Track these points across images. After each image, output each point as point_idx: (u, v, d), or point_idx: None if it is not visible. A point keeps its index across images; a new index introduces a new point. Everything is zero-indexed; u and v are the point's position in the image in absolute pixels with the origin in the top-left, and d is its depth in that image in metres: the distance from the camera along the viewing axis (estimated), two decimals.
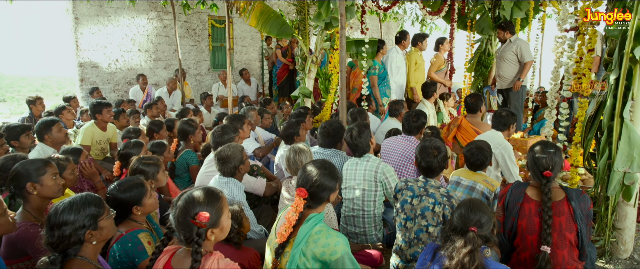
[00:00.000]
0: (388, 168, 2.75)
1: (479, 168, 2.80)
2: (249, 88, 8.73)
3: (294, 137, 3.72)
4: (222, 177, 2.66)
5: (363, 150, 2.86)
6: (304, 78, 5.06)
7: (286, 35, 5.01)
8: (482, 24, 6.72)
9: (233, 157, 2.62)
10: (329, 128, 3.17)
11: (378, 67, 5.62)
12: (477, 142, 2.82)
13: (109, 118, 4.54)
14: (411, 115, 3.33)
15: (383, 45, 5.69)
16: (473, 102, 4.22)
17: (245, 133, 3.69)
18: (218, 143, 3.09)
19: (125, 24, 7.89)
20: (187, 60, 8.91)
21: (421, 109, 5.24)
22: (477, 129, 4.26)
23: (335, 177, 1.91)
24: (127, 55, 8.03)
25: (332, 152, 3.17)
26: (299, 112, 4.27)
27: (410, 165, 3.21)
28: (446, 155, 2.27)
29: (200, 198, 1.49)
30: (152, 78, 8.43)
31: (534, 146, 2.26)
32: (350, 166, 2.91)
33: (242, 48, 9.71)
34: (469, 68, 7.03)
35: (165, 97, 7.53)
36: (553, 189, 2.16)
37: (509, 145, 3.43)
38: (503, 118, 3.47)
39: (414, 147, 3.23)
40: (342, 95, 3.51)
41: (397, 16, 10.71)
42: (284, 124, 3.75)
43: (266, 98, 6.04)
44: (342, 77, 3.49)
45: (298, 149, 2.60)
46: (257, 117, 4.45)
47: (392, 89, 5.88)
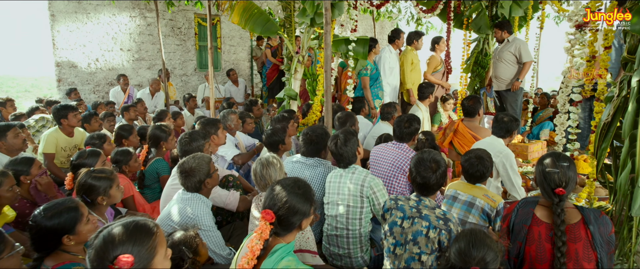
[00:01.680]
0: (376, 181, 2.42)
1: (479, 180, 2.48)
2: (237, 90, 8.37)
3: (279, 145, 3.39)
4: (186, 193, 2.32)
5: (348, 160, 2.53)
6: (290, 79, 4.72)
7: (271, 33, 4.67)
8: (479, 23, 6.43)
9: (198, 170, 2.28)
10: (312, 134, 2.84)
11: (370, 67, 5.30)
12: (477, 151, 2.50)
13: (77, 122, 4.17)
14: (403, 120, 3.00)
15: (375, 44, 5.36)
16: (471, 105, 3.91)
17: (220, 140, 3.35)
18: (185, 152, 2.75)
19: (106, 21, 7.52)
20: (172, 60, 8.54)
21: (415, 113, 4.93)
22: (475, 134, 3.95)
23: (310, 199, 1.58)
24: (108, 55, 7.65)
25: (315, 162, 2.83)
26: (283, 116, 3.93)
27: (402, 176, 2.88)
28: (446, 171, 1.94)
29: (121, 235, 1.15)
30: (134, 78, 8.06)
31: (543, 159, 1.93)
32: (333, 179, 2.57)
33: (231, 48, 9.36)
34: (466, 69, 6.73)
35: (147, 99, 7.17)
36: (567, 210, 1.84)
37: (511, 153, 3.12)
38: (505, 124, 3.16)
39: (406, 156, 2.91)
40: (327, 97, 3.17)
41: (391, 15, 10.40)
42: (268, 130, 3.41)
43: (252, 99, 5.69)
44: (326, 78, 3.16)
45: (265, 161, 2.26)
46: (237, 121, 4.10)
47: (386, 91, 5.55)
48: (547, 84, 9.29)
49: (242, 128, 4.39)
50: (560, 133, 2.63)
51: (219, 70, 9.21)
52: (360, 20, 11.50)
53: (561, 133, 2.63)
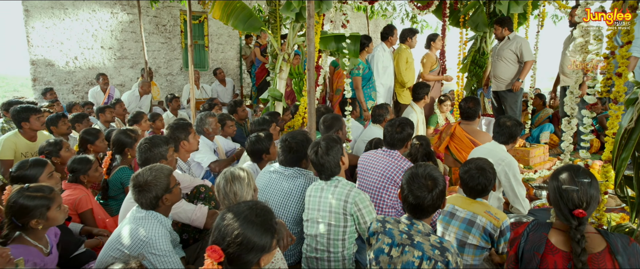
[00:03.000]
0: (361, 197, 2.10)
1: (480, 194, 2.17)
2: (224, 90, 8.03)
3: (263, 155, 3.05)
4: (140, 210, 1.98)
5: (331, 171, 2.21)
6: (275, 79, 4.39)
7: (254, 29, 4.34)
8: (477, 20, 6.13)
9: (154, 184, 1.94)
10: (291, 141, 2.51)
11: (362, 66, 4.98)
12: (477, 161, 2.18)
13: (39, 126, 3.81)
14: (394, 124, 2.68)
15: (369, 42, 5.05)
16: (470, 108, 3.60)
17: (192, 146, 3.01)
18: (145, 160, 2.41)
19: (85, 18, 7.14)
20: (157, 59, 8.18)
21: (409, 115, 4.62)
22: (473, 138, 3.64)
23: (270, 229, 1.25)
24: (88, 53, 7.27)
25: (294, 172, 2.50)
26: (263, 119, 3.60)
27: (393, 187, 2.56)
28: (444, 191, 1.62)
29: None
30: (116, 78, 7.68)
31: (558, 174, 1.62)
32: (313, 193, 2.25)
33: (218, 46, 9.01)
34: (463, 69, 6.43)
35: (135, 101, 6.81)
36: (588, 236, 1.53)
37: (514, 161, 2.81)
38: (508, 128, 2.85)
39: (398, 165, 2.59)
40: (310, 98, 2.85)
41: (385, 13, 10.10)
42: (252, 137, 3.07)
43: (236, 100, 5.35)
44: (309, 76, 2.84)
45: (230, 175, 1.93)
46: (216, 125, 3.77)
47: (379, 92, 5.24)
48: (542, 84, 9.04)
49: (221, 131, 4.05)
50: (567, 139, 2.32)
51: (207, 69, 8.86)
52: (353, 18, 11.21)
53: (567, 139, 2.32)
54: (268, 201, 2.50)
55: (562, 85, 4.95)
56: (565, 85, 4.89)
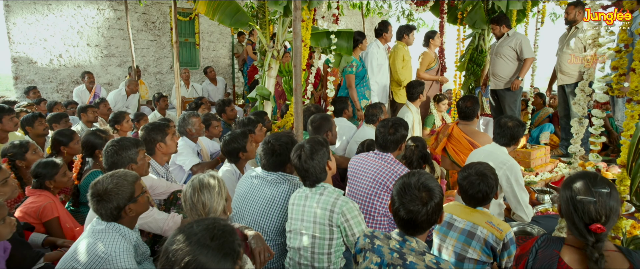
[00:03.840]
0: (349, 206, 1.89)
1: (481, 203, 1.96)
2: (215, 89, 7.80)
3: (240, 154, 2.84)
4: (100, 222, 1.76)
5: (316, 177, 2.00)
6: (263, 77, 4.17)
7: (241, 25, 4.12)
8: (474, 17, 5.93)
9: (115, 193, 1.72)
10: (275, 143, 2.30)
11: (356, 64, 4.76)
12: (478, 166, 1.98)
13: (13, 127, 3.59)
14: (387, 124, 2.47)
15: (362, 38, 4.83)
16: (469, 107, 3.40)
17: (169, 148, 2.79)
18: (112, 164, 2.19)
19: (70, 14, 6.89)
20: (146, 57, 7.94)
21: (404, 115, 4.41)
22: (471, 139, 3.44)
23: (231, 253, 1.04)
24: (73, 50, 7.02)
25: (278, 177, 2.29)
26: (249, 119, 3.38)
27: (385, 193, 2.35)
28: (441, 204, 1.41)
29: None
30: (104, 77, 7.44)
31: (572, 182, 1.41)
32: (297, 201, 2.04)
33: (210, 44, 8.78)
34: (460, 67, 6.23)
35: (122, 100, 6.58)
36: (608, 254, 1.32)
37: (516, 165, 2.61)
38: (509, 129, 2.64)
39: (391, 169, 2.38)
40: (297, 97, 2.63)
41: (381, 11, 9.89)
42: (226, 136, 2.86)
43: (225, 99, 5.13)
44: (296, 74, 2.62)
45: (198, 183, 1.71)
46: (199, 125, 3.55)
47: (373, 90, 5.03)
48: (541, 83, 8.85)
49: (206, 132, 3.83)
50: (576, 141, 2.12)
51: (198, 67, 8.62)
52: (349, 16, 10.99)
53: (577, 141, 2.12)
54: (249, 209, 2.28)
55: (560, 83, 4.76)
56: (563, 84, 4.70)
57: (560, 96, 4.89)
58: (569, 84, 4.60)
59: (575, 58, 4.46)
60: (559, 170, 4.17)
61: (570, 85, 4.59)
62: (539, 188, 3.45)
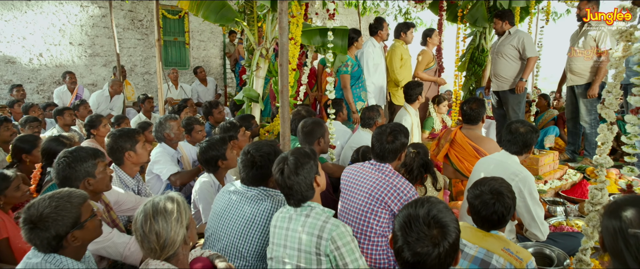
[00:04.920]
0: (340, 231, 1.59)
1: (496, 226, 1.67)
2: (206, 90, 7.48)
3: (219, 162, 2.54)
4: (36, 253, 1.45)
5: (301, 195, 1.69)
6: (251, 77, 3.87)
7: (227, 21, 3.82)
8: (476, 14, 5.66)
9: (53, 219, 1.41)
10: (255, 154, 1.99)
11: (351, 63, 4.47)
12: (491, 183, 1.68)
13: None
14: (385, 131, 2.17)
15: (358, 36, 4.53)
16: (474, 110, 3.11)
17: (140, 157, 2.47)
18: (64, 180, 1.87)
19: (51, 10, 6.55)
20: (133, 57, 7.60)
21: (402, 118, 4.11)
22: (476, 145, 3.16)
23: None
24: (55, 49, 6.68)
25: (259, 193, 1.99)
26: (232, 124, 3.07)
27: (383, 211, 2.05)
28: (457, 243, 1.12)
29: None
30: (88, 77, 7.10)
31: (619, 208, 1.12)
32: (280, 222, 1.73)
33: (200, 44, 8.45)
34: (461, 67, 5.96)
35: (105, 101, 6.25)
36: None
37: (530, 176, 2.32)
38: (521, 135, 2.35)
39: (389, 183, 2.08)
40: (283, 99, 2.33)
41: (378, 10, 9.61)
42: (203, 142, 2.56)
43: (212, 101, 4.81)
44: (282, 73, 2.32)
45: (152, 208, 1.38)
46: (178, 129, 3.23)
47: (370, 91, 4.73)
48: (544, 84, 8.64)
49: (188, 137, 3.52)
50: (603, 152, 1.83)
51: (187, 67, 8.30)
52: (344, 15, 10.70)
53: (603, 152, 1.83)
54: (226, 230, 1.98)
55: (570, 84, 4.49)
56: (573, 85, 4.42)
57: (569, 97, 4.62)
58: (579, 85, 4.33)
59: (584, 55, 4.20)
60: (568, 176, 3.90)
61: (580, 86, 4.31)
62: (550, 199, 3.17)
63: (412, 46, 5.23)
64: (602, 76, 4.10)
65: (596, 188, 1.83)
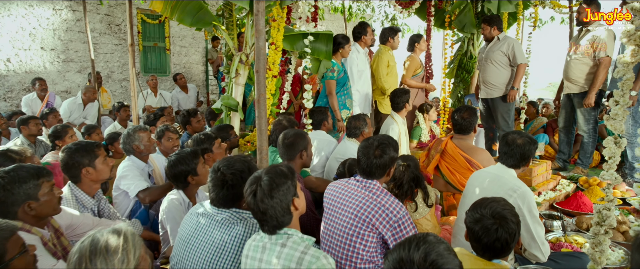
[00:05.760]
0: (321, 263, 1.37)
1: (499, 255, 1.47)
2: (186, 97, 7.19)
3: (188, 178, 2.30)
4: None
5: (277, 221, 1.47)
6: (230, 84, 3.63)
7: (204, 25, 3.59)
8: (464, 20, 5.56)
9: None
10: (226, 171, 1.76)
11: (337, 68, 4.26)
12: (493, 206, 1.48)
13: None
14: (372, 145, 1.96)
15: (346, 42, 4.33)
16: (465, 119, 2.94)
17: (100, 174, 2.21)
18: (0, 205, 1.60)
19: (21, 13, 6.21)
20: (110, 62, 7.28)
21: (389, 127, 3.92)
22: (468, 157, 2.98)
23: None
24: (24, 54, 6.33)
25: (230, 216, 1.75)
26: (206, 135, 2.83)
27: (370, 234, 1.84)
28: None
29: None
30: (61, 83, 6.75)
31: None
32: (252, 253, 1.51)
33: (181, 49, 8.17)
34: (449, 74, 5.84)
35: (78, 109, 5.90)
36: None
37: (529, 192, 2.14)
38: (518, 148, 2.18)
39: (377, 202, 1.87)
40: (260, 109, 2.10)
41: (364, 16, 9.50)
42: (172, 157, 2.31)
43: (190, 109, 4.55)
44: (258, 80, 2.10)
45: (90, 246, 1.10)
46: (149, 141, 2.97)
47: (355, 99, 4.54)
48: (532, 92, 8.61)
49: (157, 144, 3.25)
50: (610, 168, 1.66)
51: (168, 74, 8.00)
52: (330, 20, 10.54)
53: (611, 168, 1.66)
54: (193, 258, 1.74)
55: (566, 91, 4.37)
56: (570, 92, 4.31)
57: (564, 105, 4.50)
58: (576, 93, 4.21)
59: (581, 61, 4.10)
60: (562, 187, 3.76)
61: (577, 94, 4.20)
62: (546, 212, 3.00)
63: (398, 52, 5.08)
64: (599, 84, 3.99)
65: (605, 209, 1.65)
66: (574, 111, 4.35)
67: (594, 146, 4.45)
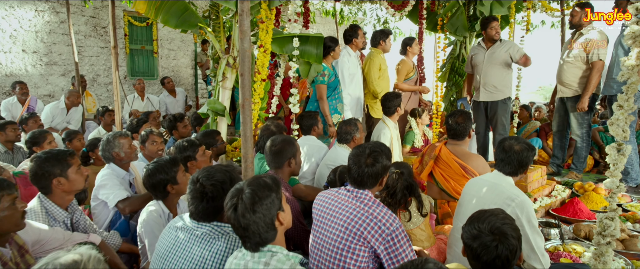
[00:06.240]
0: None
1: None
2: (174, 101, 7.02)
3: (168, 187, 2.16)
4: None
5: (260, 238, 1.35)
6: (216, 88, 3.51)
7: (189, 26, 3.46)
8: (456, 23, 5.51)
9: None
10: (206, 182, 1.64)
11: (328, 72, 4.16)
12: (492, 220, 1.38)
13: None
14: (363, 152, 1.85)
15: (335, 45, 4.23)
16: (459, 124, 2.85)
17: (73, 184, 2.07)
18: None
19: (1, 15, 6.01)
20: (95, 66, 7.09)
21: (381, 132, 3.82)
22: (463, 163, 2.88)
23: None
24: (4, 57, 6.12)
25: (211, 231, 1.63)
26: (189, 142, 2.69)
27: (361, 247, 1.72)
28: None
29: None
30: (44, 87, 6.55)
31: None
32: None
33: (170, 52, 8.01)
34: (441, 77, 5.77)
35: (61, 114, 5.71)
36: None
37: (528, 201, 2.05)
38: (516, 154, 2.08)
39: (369, 214, 1.75)
40: (245, 115, 1.98)
41: (356, 19, 9.42)
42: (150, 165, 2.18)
43: (177, 114, 4.40)
44: (243, 85, 1.98)
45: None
46: (130, 147, 2.82)
47: (346, 103, 4.43)
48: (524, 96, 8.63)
49: (141, 149, 3.11)
50: (614, 176, 1.57)
51: (156, 78, 7.83)
52: (322, 24, 10.47)
53: (615, 176, 1.57)
54: None
55: (560, 95, 4.31)
56: (563, 96, 4.25)
57: (558, 109, 4.44)
58: (569, 97, 4.16)
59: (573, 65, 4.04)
60: (557, 193, 3.69)
61: (571, 98, 4.15)
62: (543, 220, 2.92)
63: (390, 55, 4.99)
64: (592, 88, 3.94)
65: (607, 218, 1.56)
66: (568, 115, 4.29)
67: (587, 150, 4.40)
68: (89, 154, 3.62)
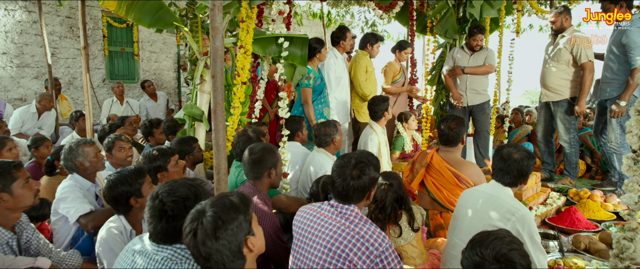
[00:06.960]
0: None
1: None
2: (155, 105, 6.73)
3: (131, 200, 1.93)
4: None
5: (223, 267, 1.13)
6: (194, 92, 3.28)
7: (164, 25, 3.23)
8: (446, 26, 5.36)
9: None
10: (166, 200, 1.42)
11: (313, 75, 3.96)
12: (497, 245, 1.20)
13: None
14: (349, 163, 1.65)
15: (321, 47, 4.04)
16: (452, 129, 2.67)
17: (19, 200, 1.81)
18: None
19: None
20: (71, 68, 6.77)
21: (368, 137, 3.62)
22: (456, 171, 2.71)
23: None
24: None
25: (172, 254, 1.40)
26: (162, 151, 2.45)
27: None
28: None
29: None
30: (15, 90, 6.21)
31: None
32: None
33: (151, 55, 7.72)
34: (431, 81, 5.62)
35: (31, 119, 5.38)
36: None
37: (529, 214, 1.87)
38: (516, 163, 1.91)
39: (356, 232, 1.55)
40: (217, 121, 1.77)
41: (343, 22, 9.27)
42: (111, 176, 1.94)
43: (152, 119, 4.14)
44: (215, 86, 1.77)
45: None
46: (96, 156, 2.58)
47: (333, 107, 4.24)
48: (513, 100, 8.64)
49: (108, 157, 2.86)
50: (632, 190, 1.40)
51: (136, 81, 7.53)
52: (308, 26, 10.28)
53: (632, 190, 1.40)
54: None
55: (544, 100, 4.21)
56: (548, 101, 4.15)
57: (542, 114, 4.35)
58: (556, 101, 4.04)
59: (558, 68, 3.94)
60: (552, 201, 3.54)
61: (556, 102, 4.04)
62: (541, 231, 2.75)
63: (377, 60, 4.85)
64: (587, 90, 3.83)
65: (625, 238, 1.39)
66: (553, 120, 4.19)
67: (577, 155, 4.29)
68: (54, 163, 3.35)
